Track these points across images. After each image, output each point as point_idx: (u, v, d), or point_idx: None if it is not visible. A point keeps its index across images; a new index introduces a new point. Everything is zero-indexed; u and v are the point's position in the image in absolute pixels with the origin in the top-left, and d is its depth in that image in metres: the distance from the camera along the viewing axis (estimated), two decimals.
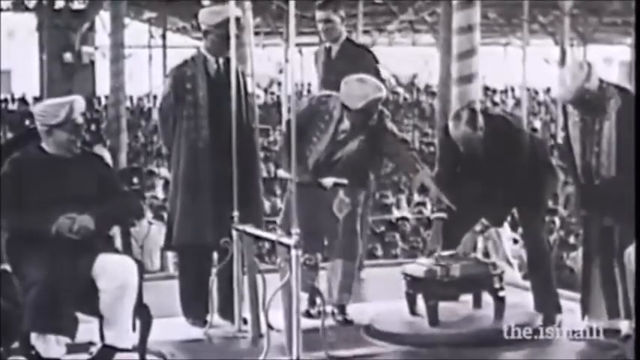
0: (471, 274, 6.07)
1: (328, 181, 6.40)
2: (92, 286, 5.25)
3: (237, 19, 6.42)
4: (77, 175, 5.40)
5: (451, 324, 6.04)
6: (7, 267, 5.32)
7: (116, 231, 5.74)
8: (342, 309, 6.53)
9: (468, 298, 6.33)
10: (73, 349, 5.32)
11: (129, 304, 5.28)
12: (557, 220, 13.21)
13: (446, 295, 6.08)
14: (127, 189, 10.89)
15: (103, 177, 5.52)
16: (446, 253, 6.19)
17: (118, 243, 5.67)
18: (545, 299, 6.36)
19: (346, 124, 6.38)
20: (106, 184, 5.50)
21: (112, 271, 5.25)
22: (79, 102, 5.45)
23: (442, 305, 6.04)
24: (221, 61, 6.47)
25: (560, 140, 21.14)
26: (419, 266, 6.16)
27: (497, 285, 6.07)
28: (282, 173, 6.54)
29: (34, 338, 5.17)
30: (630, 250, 5.51)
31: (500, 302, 6.07)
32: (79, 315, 5.26)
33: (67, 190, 5.34)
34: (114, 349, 5.32)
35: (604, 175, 5.77)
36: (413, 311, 6.21)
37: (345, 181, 6.39)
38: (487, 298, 6.25)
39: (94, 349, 5.39)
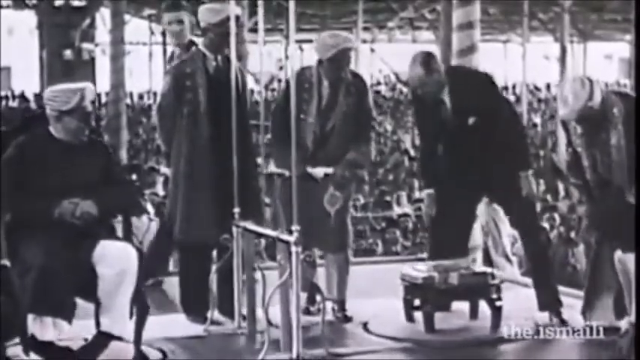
0: (469, 283, 6.05)
1: (318, 171, 6.44)
2: (92, 272, 5.26)
3: (237, 17, 6.42)
4: (83, 162, 5.43)
5: (447, 332, 6.03)
6: (7, 262, 5.31)
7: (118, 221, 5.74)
8: (341, 305, 6.55)
9: (464, 307, 6.32)
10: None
11: (127, 290, 5.29)
12: (557, 216, 13.22)
13: (443, 302, 6.06)
14: (130, 180, 10.88)
15: (108, 165, 5.56)
16: (445, 262, 6.20)
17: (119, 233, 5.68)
18: (548, 296, 6.37)
19: (325, 85, 6.49)
20: (110, 172, 5.54)
21: (112, 257, 5.27)
22: (91, 90, 5.48)
23: (438, 314, 6.03)
24: (220, 58, 6.47)
25: (560, 136, 21.12)
26: (417, 272, 6.15)
27: (494, 295, 6.05)
28: (274, 169, 6.53)
29: (31, 321, 5.19)
30: (620, 255, 5.50)
31: (497, 312, 6.04)
32: (76, 303, 5.26)
33: (72, 176, 5.37)
34: (109, 336, 5.32)
35: (618, 186, 5.65)
36: (410, 317, 6.18)
37: (330, 170, 6.41)
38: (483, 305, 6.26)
39: (89, 336, 5.38)
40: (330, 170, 6.45)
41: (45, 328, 5.23)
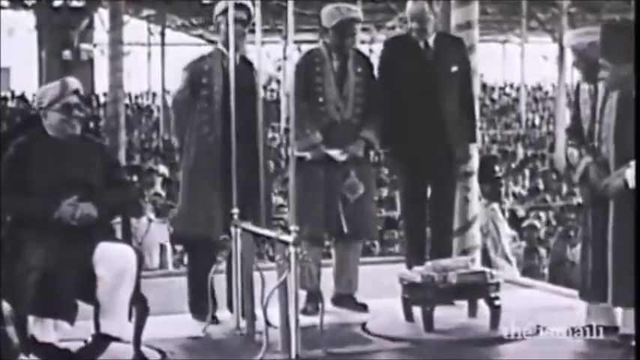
0: (468, 282, 6.06)
1: (337, 154, 6.46)
2: (91, 274, 5.25)
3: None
4: (80, 162, 5.42)
5: (446, 331, 6.04)
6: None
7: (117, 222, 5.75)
8: (353, 297, 6.67)
9: (463, 306, 6.33)
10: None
11: (126, 292, 5.28)
12: (550, 214, 13.23)
13: (442, 301, 6.07)
14: (129, 180, 10.85)
15: (106, 165, 5.55)
16: (443, 261, 6.21)
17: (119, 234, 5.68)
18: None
19: (334, 56, 6.66)
20: (109, 172, 5.53)
21: (112, 259, 5.26)
22: (71, 82, 5.48)
23: (437, 313, 6.05)
24: (238, 57, 6.45)
25: (559, 135, 21.13)
26: (416, 272, 6.16)
27: (493, 294, 6.07)
28: (298, 152, 6.50)
29: (32, 324, 5.20)
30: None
31: (495, 311, 6.05)
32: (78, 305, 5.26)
33: (70, 176, 5.36)
34: (109, 338, 5.32)
35: (617, 157, 5.52)
36: (409, 317, 6.19)
37: (342, 157, 6.49)
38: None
39: (88, 338, 5.38)
40: (351, 150, 6.57)
41: (45, 330, 5.23)
